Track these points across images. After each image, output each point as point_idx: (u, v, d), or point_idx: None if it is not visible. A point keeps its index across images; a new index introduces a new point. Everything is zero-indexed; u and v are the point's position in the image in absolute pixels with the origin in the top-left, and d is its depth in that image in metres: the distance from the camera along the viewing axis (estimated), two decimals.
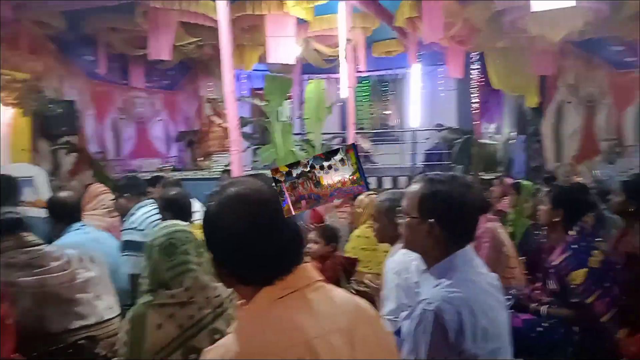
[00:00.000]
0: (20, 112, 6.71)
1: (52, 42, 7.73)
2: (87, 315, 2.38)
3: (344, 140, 9.73)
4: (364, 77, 11.06)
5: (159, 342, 1.78)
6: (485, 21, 7.25)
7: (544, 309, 2.94)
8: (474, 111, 9.98)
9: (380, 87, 12.32)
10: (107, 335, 2.39)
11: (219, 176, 6.99)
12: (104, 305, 2.49)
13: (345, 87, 7.08)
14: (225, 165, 7.54)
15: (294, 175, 0.79)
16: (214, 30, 7.42)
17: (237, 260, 1.11)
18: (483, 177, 7.69)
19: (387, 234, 2.59)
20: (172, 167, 8.76)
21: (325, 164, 0.77)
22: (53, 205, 3.04)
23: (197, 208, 3.52)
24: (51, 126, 7.18)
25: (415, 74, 9.81)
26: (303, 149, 8.24)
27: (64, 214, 3.00)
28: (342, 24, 6.89)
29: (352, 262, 3.20)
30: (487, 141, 9.95)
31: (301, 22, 7.51)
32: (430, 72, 10.51)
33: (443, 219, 1.59)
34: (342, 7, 6.81)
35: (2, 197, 3.12)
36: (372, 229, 3.40)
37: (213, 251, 1.15)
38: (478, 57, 9.52)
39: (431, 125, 10.44)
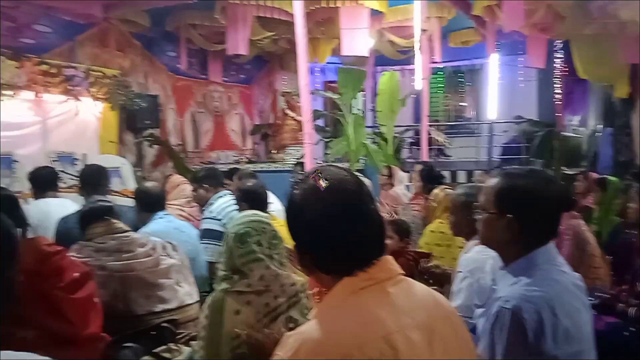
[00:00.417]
0: (109, 106, 7.13)
1: (138, 39, 8.16)
2: (169, 299, 2.51)
3: (417, 132, 9.58)
4: (439, 68, 10.82)
5: (237, 327, 1.84)
6: (570, 7, 6.86)
7: (632, 310, 2.77)
8: (556, 102, 9.48)
9: (456, 78, 12.00)
10: (187, 319, 2.51)
11: (292, 168, 7.11)
12: (185, 291, 2.62)
13: (419, 79, 6.97)
14: (298, 158, 7.65)
15: None
16: (288, 24, 7.54)
17: (318, 249, 1.12)
18: (566, 171, 7.31)
19: (463, 228, 2.54)
20: (247, 159, 9.00)
21: None
22: (139, 195, 3.22)
23: (271, 199, 3.60)
24: (136, 119, 7.58)
25: (493, 64, 9.46)
26: (375, 142, 8.22)
27: (149, 203, 3.17)
28: (418, 15, 6.78)
29: (424, 257, 3.16)
30: (571, 134, 9.44)
31: (375, 14, 7.45)
32: (509, 62, 10.10)
33: (522, 215, 1.53)
34: None
35: (93, 186, 3.33)
36: (446, 224, 3.35)
37: (296, 238, 1.17)
38: (562, 46, 9.02)
39: (509, 117, 10.04)
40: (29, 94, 6.19)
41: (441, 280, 2.62)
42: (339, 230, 1.10)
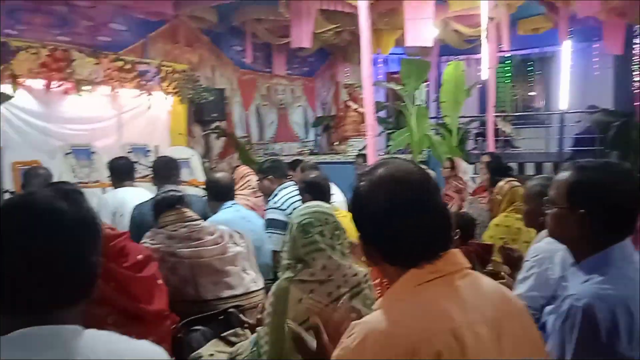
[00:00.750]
0: (178, 100, 7.42)
1: (205, 35, 8.42)
2: (236, 286, 2.61)
3: (482, 123, 9.33)
4: (506, 56, 10.46)
5: (300, 315, 1.88)
6: None
7: None
8: (635, 91, 8.94)
9: (525, 67, 11.55)
10: (252, 306, 2.60)
11: (353, 160, 7.12)
12: (250, 279, 2.71)
13: (486, 68, 6.77)
14: (360, 150, 7.65)
15: None
16: (351, 16, 7.51)
17: (384, 240, 1.13)
18: None
19: (536, 219, 2.47)
20: (309, 151, 9.10)
21: None
22: (210, 185, 3.35)
23: (334, 191, 3.64)
24: (204, 112, 7.84)
25: (565, 52, 9.04)
26: (439, 133, 8.08)
27: (219, 193, 3.29)
28: (485, 3, 6.58)
29: (487, 250, 3.10)
30: None
31: (440, 3, 7.30)
32: (582, 49, 9.60)
33: (595, 210, 1.47)
34: None
35: (165, 176, 3.50)
36: (512, 218, 3.28)
37: (361, 230, 1.18)
38: None
39: (582, 107, 9.56)
40: (105, 89, 6.54)
41: (518, 265, 2.55)
42: (405, 222, 1.10)
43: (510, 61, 11.21)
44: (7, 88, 5.58)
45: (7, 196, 4.67)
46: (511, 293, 1.19)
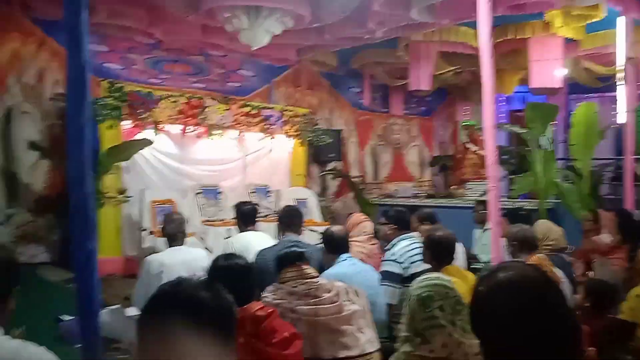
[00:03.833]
0: (299, 142, 7.73)
1: (325, 78, 8.74)
2: (352, 346, 2.59)
3: (618, 167, 8.55)
4: None
5: None
6: None
7: None
8: None
9: None
10: None
11: (472, 205, 6.86)
12: (365, 339, 2.68)
13: (623, 112, 6.23)
14: (480, 195, 7.37)
15: None
16: (472, 57, 7.36)
17: (503, 348, 1.09)
18: None
19: None
20: (425, 193, 8.93)
21: None
22: (326, 238, 3.42)
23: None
24: (321, 153, 8.08)
25: None
26: (567, 179, 7.53)
27: (335, 246, 3.35)
28: (621, 41, 6.11)
29: (627, 327, 2.77)
30: None
31: (570, 41, 6.92)
32: None
33: None
34: (621, 22, 6.04)
35: (289, 225, 3.67)
36: None
37: (480, 334, 1.15)
38: None
39: None
40: (233, 132, 6.99)
41: None
42: (524, 331, 1.06)
43: None
44: (148, 133, 6.19)
45: (144, 234, 5.12)
46: None
